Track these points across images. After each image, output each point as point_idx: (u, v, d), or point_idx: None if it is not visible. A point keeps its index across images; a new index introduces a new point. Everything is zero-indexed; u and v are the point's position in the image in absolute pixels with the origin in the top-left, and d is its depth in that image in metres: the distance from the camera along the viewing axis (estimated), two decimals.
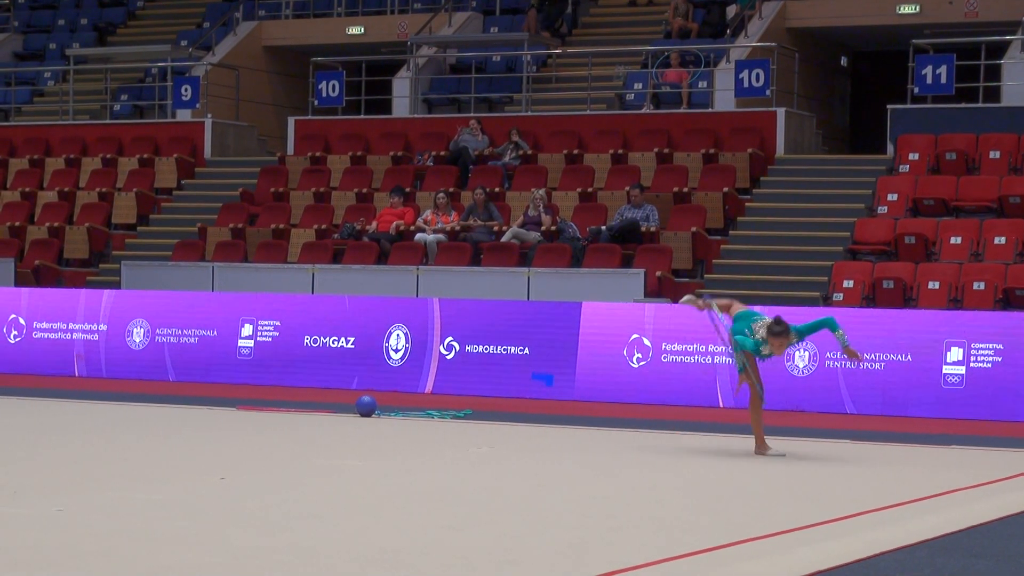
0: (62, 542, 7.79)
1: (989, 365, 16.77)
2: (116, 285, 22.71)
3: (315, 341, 19.45)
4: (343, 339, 19.29)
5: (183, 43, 30.16)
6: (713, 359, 17.57)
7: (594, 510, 9.40)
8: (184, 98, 27.20)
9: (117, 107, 29.54)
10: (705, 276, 21.39)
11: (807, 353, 17.31)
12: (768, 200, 22.76)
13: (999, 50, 23.95)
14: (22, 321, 20.89)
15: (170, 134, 27.35)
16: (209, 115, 27.48)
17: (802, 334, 12.37)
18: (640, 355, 17.98)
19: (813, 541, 8.33)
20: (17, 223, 25.38)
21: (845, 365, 16.94)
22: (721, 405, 17.51)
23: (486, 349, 18.66)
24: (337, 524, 8.58)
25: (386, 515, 8.99)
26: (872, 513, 9.39)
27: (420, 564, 7.40)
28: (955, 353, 16.87)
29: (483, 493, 10.14)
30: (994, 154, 21.86)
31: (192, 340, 20.02)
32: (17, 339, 20.85)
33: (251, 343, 19.76)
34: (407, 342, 19.00)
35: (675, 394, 17.74)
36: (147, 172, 26.43)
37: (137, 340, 20.27)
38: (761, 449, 12.61)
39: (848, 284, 19.78)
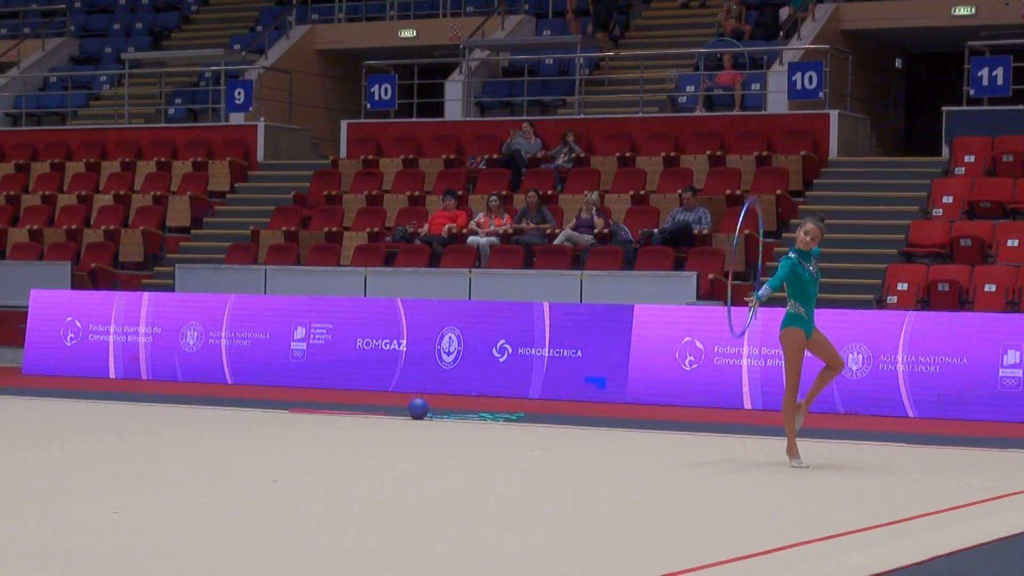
0: (117, 544, 7.84)
1: None
2: (170, 288, 22.84)
3: (368, 344, 19.50)
4: (395, 342, 19.32)
5: (236, 47, 30.31)
6: (766, 362, 17.49)
7: (646, 514, 9.38)
8: (237, 102, 27.33)
9: (171, 111, 29.72)
10: (758, 279, 21.27)
11: (860, 356, 17.21)
12: (821, 203, 22.64)
13: None
14: (78, 324, 21.03)
15: (223, 137, 27.49)
16: (262, 118, 27.60)
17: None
18: (692, 358, 17.94)
19: (867, 545, 8.28)
20: (73, 226, 25.57)
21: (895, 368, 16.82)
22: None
23: (538, 351, 18.64)
24: (389, 527, 8.59)
25: (437, 518, 9.00)
26: (927, 517, 9.33)
27: (473, 567, 7.40)
28: (1012, 356, 16.74)
29: (535, 496, 10.14)
30: None
31: (246, 343, 20.10)
32: (74, 341, 20.99)
33: (303, 346, 19.82)
34: (459, 344, 19.01)
35: (727, 397, 17.68)
36: (201, 175, 26.57)
37: (191, 342, 20.36)
38: (790, 452, 12.02)
39: (902, 287, 19.67)
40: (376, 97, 26.56)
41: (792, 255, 12.03)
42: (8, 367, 21.91)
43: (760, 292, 11.99)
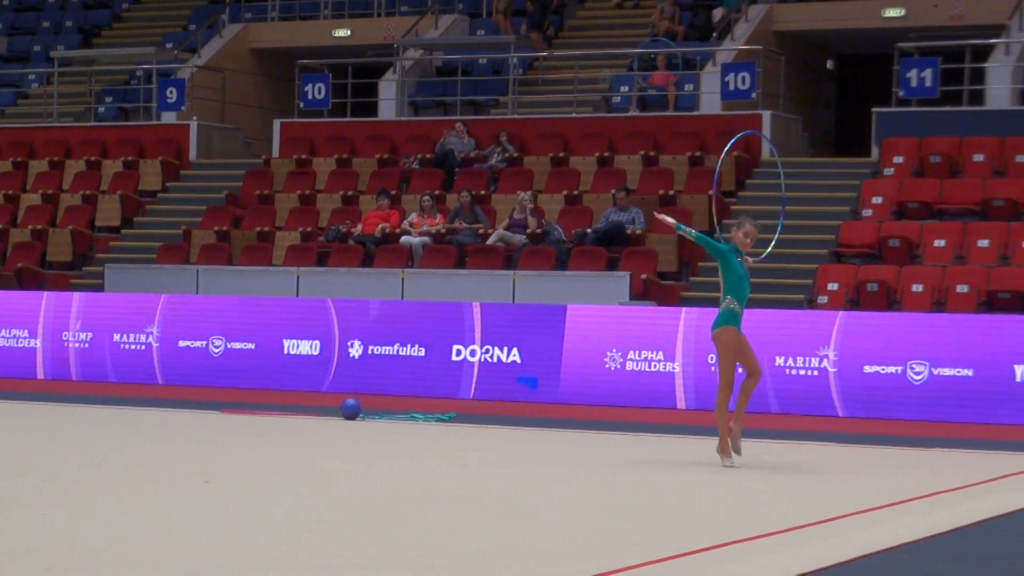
0: (45, 547, 7.77)
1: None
2: (100, 288, 22.66)
3: (299, 345, 19.45)
4: (328, 342, 19.29)
5: (168, 45, 30.13)
6: (701, 362, 17.58)
7: (579, 513, 9.40)
8: (169, 100, 27.16)
9: (102, 109, 29.49)
10: (690, 279, 21.41)
11: (792, 356, 17.33)
12: (753, 203, 22.74)
13: (983, 53, 24.01)
14: (4, 325, 20.85)
15: (155, 136, 27.31)
16: (194, 117, 27.44)
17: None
18: (625, 358, 17.99)
19: (796, 543, 8.33)
20: (0, 226, 25.33)
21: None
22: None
23: (469, 352, 18.65)
24: (324, 528, 8.56)
25: (375, 519, 8.98)
26: (856, 515, 9.40)
27: (416, 568, 7.38)
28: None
29: (466, 497, 10.13)
30: (978, 157, 21.90)
31: (177, 344, 20.00)
32: None
33: (236, 346, 19.73)
34: (391, 345, 18.98)
35: (660, 397, 17.75)
36: (131, 174, 26.38)
37: (122, 343, 20.23)
38: (722, 451, 11.97)
39: (833, 287, 19.81)
40: (309, 96, 26.47)
41: (727, 247, 12.06)
42: None
43: (689, 228, 12.13)
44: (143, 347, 20.12)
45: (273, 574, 7.17)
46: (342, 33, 29.68)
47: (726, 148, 12.84)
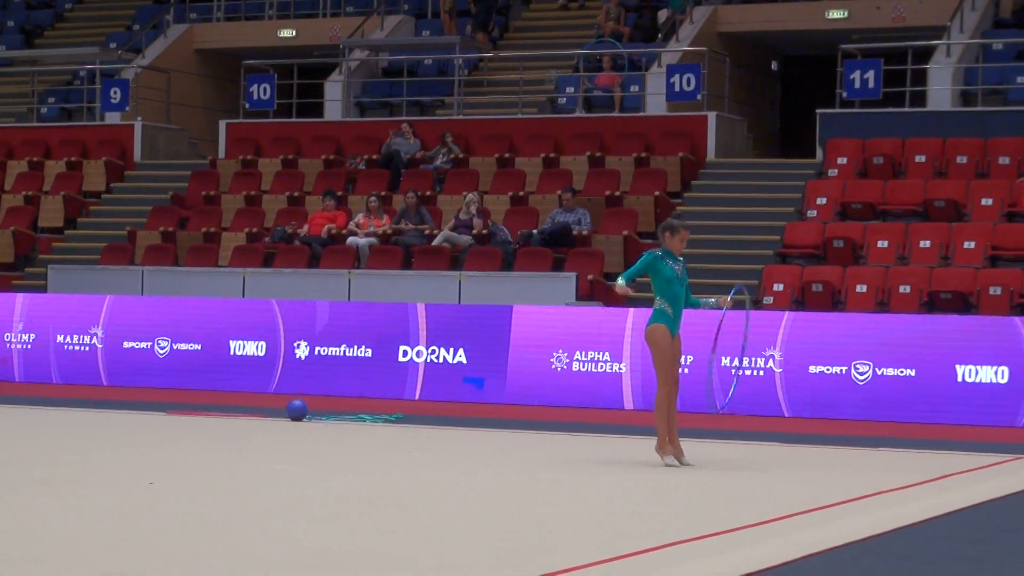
0: None
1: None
2: (42, 289, 22.52)
3: (244, 346, 19.40)
4: (274, 343, 19.25)
5: (112, 46, 29.95)
6: (648, 362, 17.64)
7: (526, 514, 9.42)
8: (113, 101, 27.01)
9: (44, 110, 29.29)
10: (637, 279, 21.43)
11: (740, 357, 17.43)
12: (699, 204, 22.87)
13: (925, 55, 24.20)
14: None
15: (99, 137, 27.15)
16: (139, 118, 27.31)
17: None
18: (571, 358, 18.03)
19: (741, 544, 8.38)
20: None
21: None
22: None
23: (415, 352, 18.65)
24: (268, 529, 8.55)
25: (317, 520, 8.97)
26: (800, 515, 9.46)
27: (354, 569, 7.39)
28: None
29: (416, 497, 10.14)
30: (920, 158, 22.08)
31: (122, 344, 19.90)
32: None
33: (182, 347, 19.66)
34: (337, 345, 18.95)
35: (607, 398, 17.80)
36: (75, 175, 26.22)
37: (66, 344, 20.11)
38: (662, 449, 12.04)
39: (778, 287, 19.92)
40: (255, 97, 26.40)
41: (658, 251, 12.08)
42: None
43: (617, 282, 12.18)
44: (87, 348, 20.01)
45: (208, 573, 7.16)
46: (287, 33, 29.60)
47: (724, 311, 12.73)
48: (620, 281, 12.20)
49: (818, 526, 9.08)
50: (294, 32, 29.61)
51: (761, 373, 17.37)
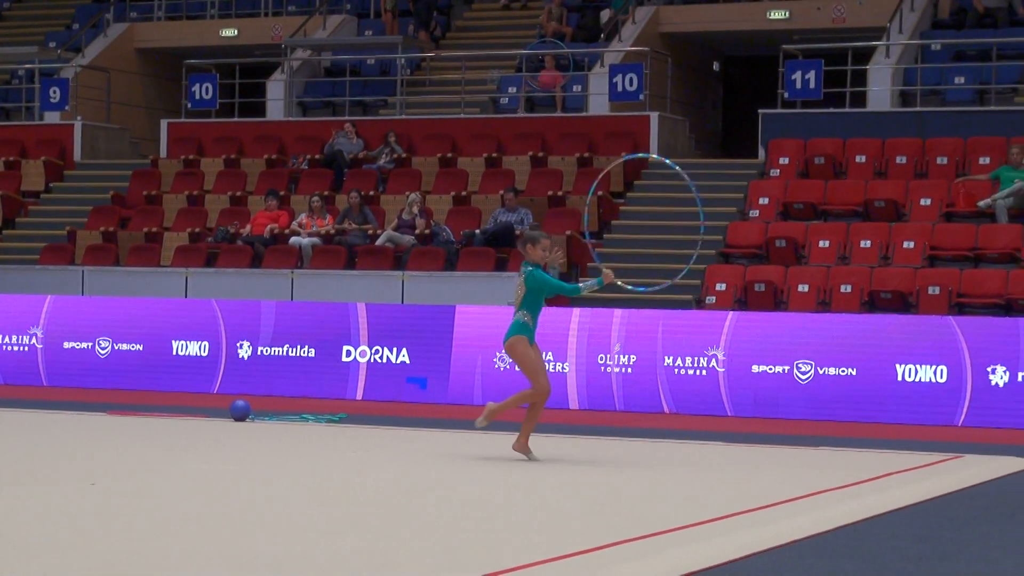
0: None
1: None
2: None
3: (187, 346, 19.32)
4: (216, 344, 19.17)
5: (51, 44, 29.74)
6: (593, 362, 17.68)
7: (470, 514, 9.42)
8: (52, 100, 26.83)
9: None
10: (580, 278, 21.50)
11: (684, 357, 17.49)
12: (642, 204, 22.94)
13: (865, 56, 24.37)
14: None
15: (38, 136, 26.96)
16: (79, 117, 27.13)
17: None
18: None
19: (684, 543, 8.42)
20: None
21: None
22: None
23: (358, 353, 18.63)
24: (211, 530, 8.52)
25: (260, 520, 8.94)
26: (743, 514, 9.51)
27: (296, 569, 7.37)
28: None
29: (359, 497, 10.13)
30: (860, 158, 22.23)
31: (62, 345, 19.76)
32: None
33: (123, 347, 19.55)
34: (280, 346, 18.90)
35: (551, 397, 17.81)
36: (13, 175, 26.02)
37: (5, 345, 19.96)
38: (521, 446, 12.41)
39: (721, 287, 20.01)
40: (197, 96, 26.28)
41: (531, 268, 12.19)
42: None
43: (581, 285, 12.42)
44: (27, 348, 19.87)
45: (151, 574, 7.13)
46: (229, 33, 29.49)
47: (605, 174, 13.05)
48: (583, 291, 12.40)
49: (761, 525, 9.13)
50: (236, 31, 29.49)
51: (704, 373, 17.44)
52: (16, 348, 19.94)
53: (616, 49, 25.72)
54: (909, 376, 16.98)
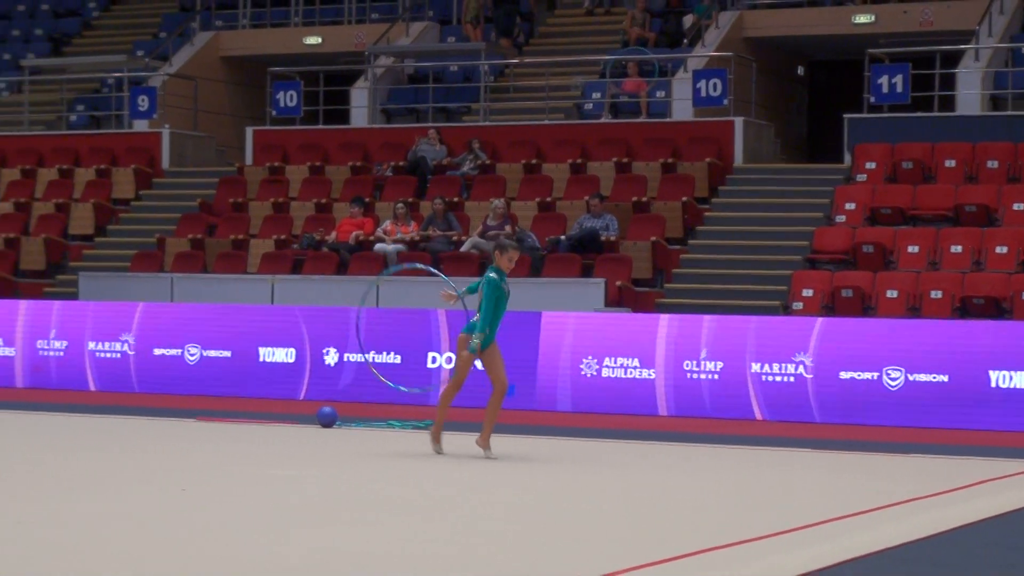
0: (22, 554, 7.74)
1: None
2: (73, 296, 22.60)
3: (273, 353, 19.43)
4: (300, 350, 19.26)
5: (139, 53, 30.05)
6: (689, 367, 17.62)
7: (570, 515, 9.40)
8: (141, 108, 27.10)
9: (73, 118, 29.41)
10: (665, 285, 21.45)
11: (770, 364, 17.39)
12: (726, 209, 22.85)
13: (953, 59, 24.13)
14: None
15: (127, 144, 27.24)
16: (166, 125, 27.39)
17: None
18: (599, 364, 18.01)
19: (774, 551, 8.37)
20: None
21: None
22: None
23: (441, 358, 18.65)
24: (302, 534, 8.55)
25: (347, 524, 8.97)
26: (834, 522, 9.43)
27: (394, 574, 7.39)
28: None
29: (460, 502, 10.13)
30: (949, 163, 22.01)
31: (153, 351, 19.94)
32: None
33: (213, 354, 19.69)
34: (364, 352, 18.97)
35: (639, 403, 17.78)
36: (104, 183, 26.32)
37: (100, 351, 20.16)
38: (483, 442, 12.90)
39: (807, 293, 19.88)
40: (281, 104, 26.45)
41: (494, 275, 12.63)
42: None
43: (463, 291, 13.08)
44: (119, 355, 20.06)
45: None
46: (313, 41, 29.67)
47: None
48: (461, 292, 13.15)
49: (851, 533, 9.05)
50: (320, 39, 29.67)
51: (792, 379, 17.32)
52: (108, 355, 20.13)
53: (700, 55, 25.63)
54: (1003, 383, 16.77)
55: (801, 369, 17.29)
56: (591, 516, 9.69)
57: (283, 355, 19.38)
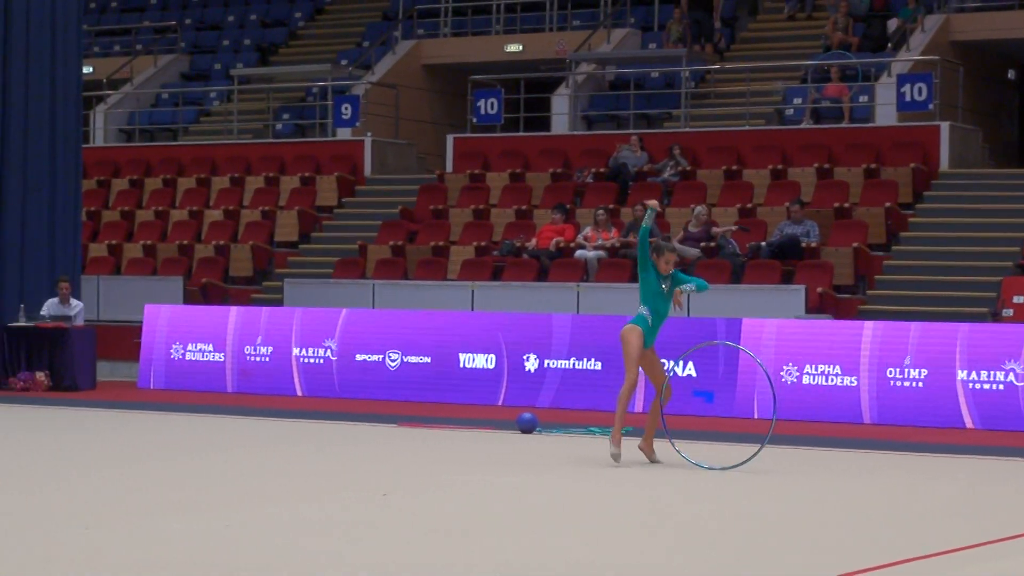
0: (222, 559, 7.89)
1: None
2: (279, 303, 23.02)
3: (473, 359, 19.56)
4: (499, 356, 19.36)
5: (343, 62, 30.54)
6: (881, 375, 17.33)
7: (793, 521, 9.32)
8: (344, 117, 27.52)
9: (279, 126, 30.00)
10: (867, 292, 21.12)
11: (979, 370, 17.00)
12: (932, 215, 22.41)
13: None
14: (192, 338, 21.25)
15: (331, 152, 27.69)
16: (369, 133, 27.78)
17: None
18: (799, 371, 17.79)
19: (981, 560, 8.19)
20: (185, 241, 25.87)
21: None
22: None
23: None
24: (505, 537, 8.59)
25: (548, 528, 8.98)
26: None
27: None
28: None
29: (670, 506, 10.11)
30: None
31: (355, 357, 20.21)
32: (188, 356, 21.20)
33: (413, 359, 19.90)
34: (563, 358, 18.99)
35: (844, 411, 17.52)
36: (308, 190, 26.79)
37: (305, 356, 20.50)
38: (614, 439, 12.84)
39: (1019, 299, 19.38)
40: (482, 111, 26.64)
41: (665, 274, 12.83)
42: (123, 381, 22.19)
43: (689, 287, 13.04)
44: (322, 361, 20.38)
45: None
46: (514, 48, 29.82)
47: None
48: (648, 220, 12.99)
49: None
50: (520, 47, 29.82)
51: (1002, 387, 16.90)
52: (313, 360, 20.46)
53: (904, 59, 25.19)
54: None
55: (1011, 377, 16.86)
56: (812, 521, 9.60)
57: (483, 361, 19.51)
